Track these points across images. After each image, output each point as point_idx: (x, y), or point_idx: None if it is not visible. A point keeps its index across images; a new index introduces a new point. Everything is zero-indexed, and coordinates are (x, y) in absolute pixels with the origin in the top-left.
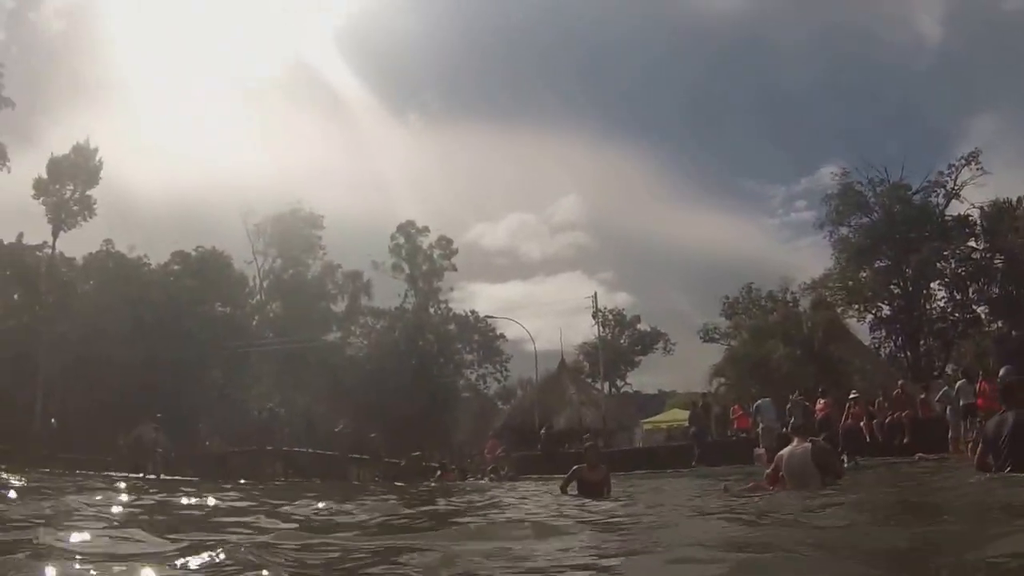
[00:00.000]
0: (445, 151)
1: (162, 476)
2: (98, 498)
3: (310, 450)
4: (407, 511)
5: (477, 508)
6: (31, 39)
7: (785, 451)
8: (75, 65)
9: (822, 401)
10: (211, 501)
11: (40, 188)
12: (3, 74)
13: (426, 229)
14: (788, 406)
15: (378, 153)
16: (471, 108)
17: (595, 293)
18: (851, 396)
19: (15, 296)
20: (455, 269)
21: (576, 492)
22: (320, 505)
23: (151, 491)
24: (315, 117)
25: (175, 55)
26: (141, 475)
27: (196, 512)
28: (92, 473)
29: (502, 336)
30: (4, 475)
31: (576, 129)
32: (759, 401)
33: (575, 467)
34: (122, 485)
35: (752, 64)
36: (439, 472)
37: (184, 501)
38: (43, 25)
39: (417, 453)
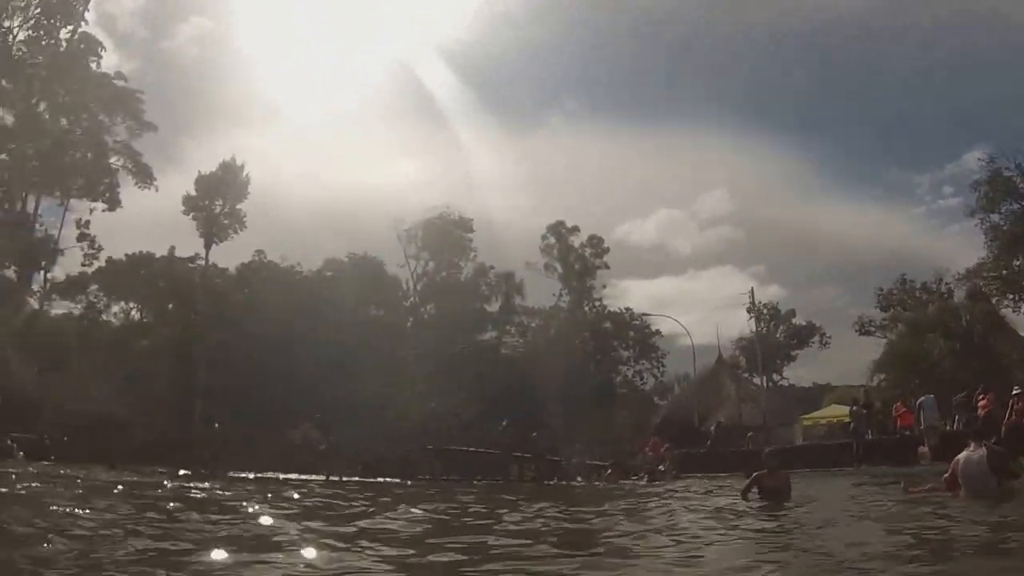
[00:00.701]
0: (589, 151)
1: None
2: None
3: (469, 448)
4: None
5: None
6: (167, 66)
7: (961, 456)
8: (211, 87)
9: (984, 398)
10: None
11: (190, 204)
12: (144, 100)
13: (576, 228)
14: (954, 405)
15: (523, 156)
16: (612, 108)
17: (752, 288)
18: (1015, 392)
19: (169, 307)
20: (607, 267)
21: (757, 497)
22: None
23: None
24: (457, 124)
25: (309, 70)
26: (325, 477)
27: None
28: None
29: (657, 332)
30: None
31: (719, 123)
32: (922, 398)
33: (755, 473)
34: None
35: (889, 51)
36: (609, 471)
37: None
38: (177, 52)
39: (578, 447)
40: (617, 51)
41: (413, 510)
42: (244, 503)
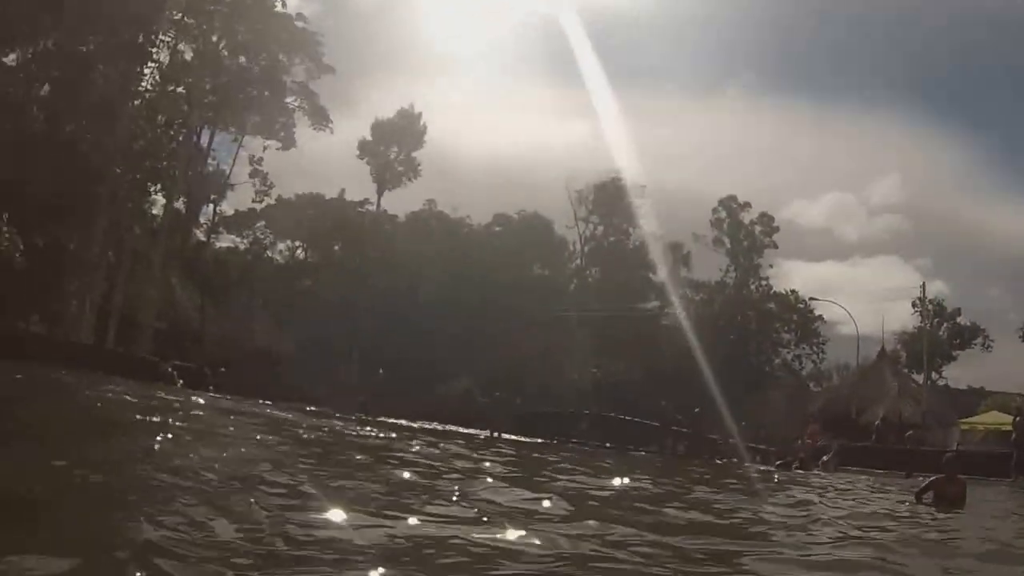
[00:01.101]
0: (762, 126)
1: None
2: None
3: (627, 417)
4: None
5: None
6: (347, 10)
7: None
8: (388, 35)
9: None
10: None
11: (365, 149)
12: (322, 43)
13: (747, 205)
14: None
15: (695, 126)
16: (789, 84)
17: (923, 284)
18: None
19: (335, 248)
20: (776, 247)
21: (930, 502)
22: None
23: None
24: (633, 88)
25: (486, 24)
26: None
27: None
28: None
29: (820, 318)
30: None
31: (897, 109)
32: None
33: (933, 477)
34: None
35: None
36: (796, 463)
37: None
38: None
39: (744, 424)
40: (798, 25)
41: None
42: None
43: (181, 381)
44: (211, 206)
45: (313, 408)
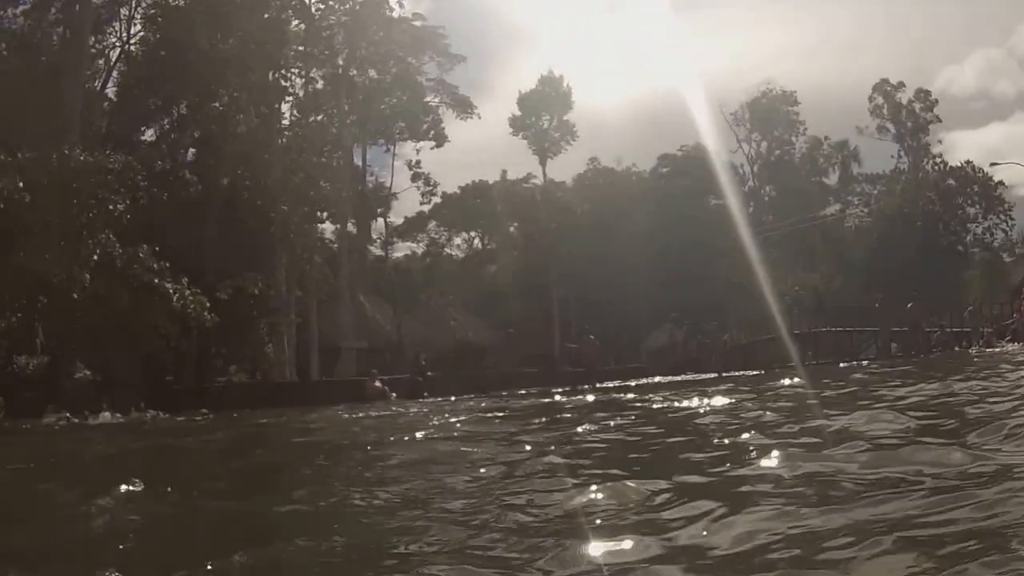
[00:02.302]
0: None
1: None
2: None
3: (840, 328)
4: None
5: None
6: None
7: None
8: (507, 10)
9: None
10: None
11: (517, 124)
12: (446, 35)
13: (901, 84)
14: None
15: (828, 17)
16: None
17: None
18: None
19: (512, 229)
20: (939, 120)
21: None
22: None
23: None
24: None
25: None
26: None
27: None
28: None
29: (1001, 183)
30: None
31: None
32: None
33: None
34: None
35: None
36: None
37: None
38: None
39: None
40: None
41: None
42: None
43: (394, 395)
44: (381, 220)
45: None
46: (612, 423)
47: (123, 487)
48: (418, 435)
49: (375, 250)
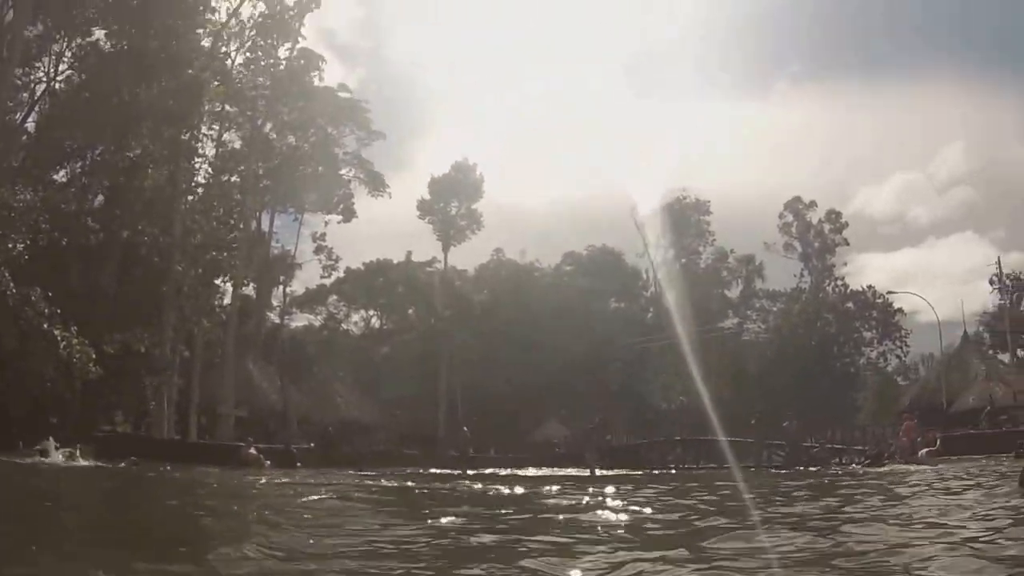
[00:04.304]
0: (818, 115)
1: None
2: None
3: (718, 438)
4: None
5: None
6: (390, 73)
7: None
8: (434, 91)
9: None
10: None
11: (424, 208)
12: (370, 109)
13: (813, 204)
14: None
15: (749, 128)
16: (838, 68)
17: (998, 258)
18: None
19: (409, 312)
20: (847, 243)
21: None
22: None
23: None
24: (681, 102)
25: (527, 68)
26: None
27: None
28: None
29: (900, 310)
30: None
31: (950, 74)
32: None
33: None
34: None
35: None
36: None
37: None
38: (397, 59)
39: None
40: (838, 7)
41: None
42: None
43: (268, 462)
44: (281, 288)
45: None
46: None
47: None
48: None
49: (274, 317)
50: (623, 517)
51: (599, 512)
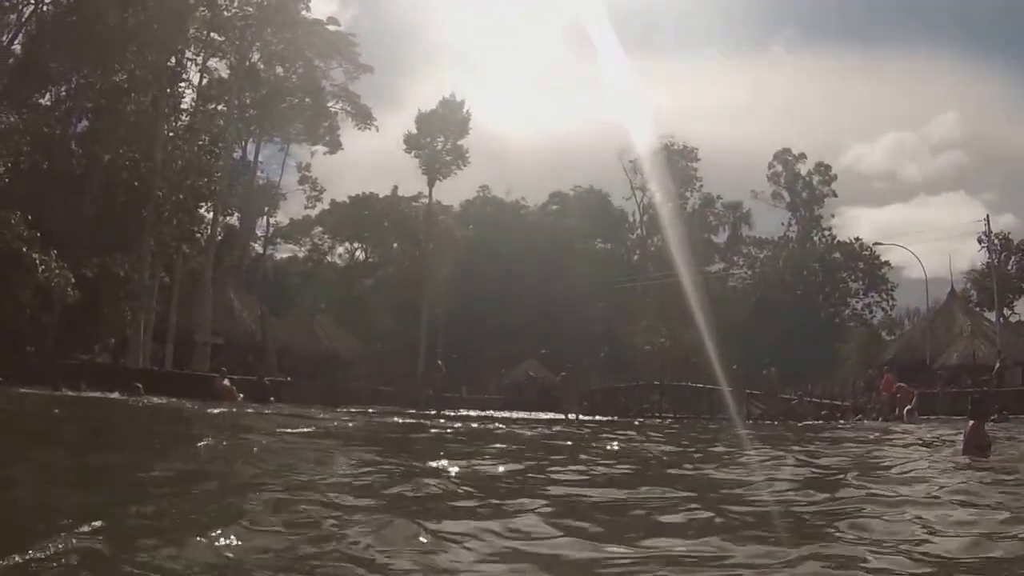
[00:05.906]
0: (813, 77)
1: (579, 417)
2: None
3: (698, 385)
4: None
5: None
6: (383, 10)
7: None
8: (426, 28)
9: None
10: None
11: (411, 142)
12: (358, 43)
13: (803, 156)
14: None
15: (745, 85)
16: (835, 34)
17: (987, 216)
18: None
19: (394, 245)
20: (835, 195)
21: None
22: None
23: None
24: (678, 55)
25: (522, 8)
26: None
27: None
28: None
29: (887, 264)
30: None
31: (949, 45)
32: None
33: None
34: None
35: None
36: (859, 416)
37: None
38: None
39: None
40: None
41: None
42: None
43: (241, 395)
44: (265, 218)
45: (374, 409)
46: None
47: None
48: None
49: (257, 247)
50: None
51: None
